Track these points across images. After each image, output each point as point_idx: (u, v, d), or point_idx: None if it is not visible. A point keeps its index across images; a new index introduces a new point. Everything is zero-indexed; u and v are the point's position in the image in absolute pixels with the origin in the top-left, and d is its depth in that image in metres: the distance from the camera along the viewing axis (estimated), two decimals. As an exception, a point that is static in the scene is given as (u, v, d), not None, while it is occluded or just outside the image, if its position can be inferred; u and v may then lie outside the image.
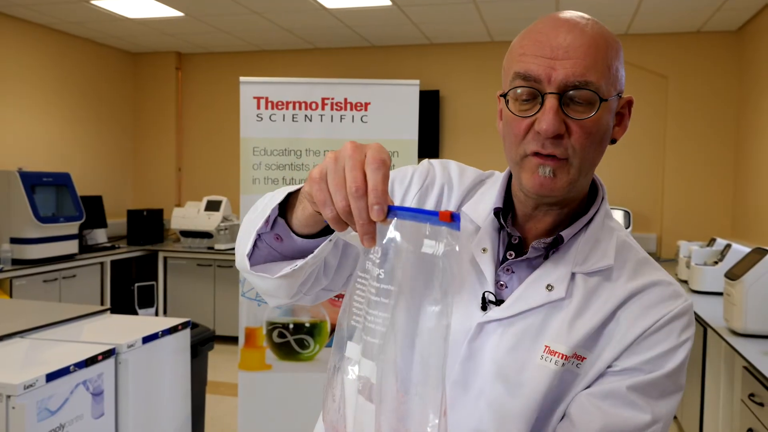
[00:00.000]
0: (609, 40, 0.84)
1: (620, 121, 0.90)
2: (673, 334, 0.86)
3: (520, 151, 0.85)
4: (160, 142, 6.57)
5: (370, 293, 0.68)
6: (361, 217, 0.65)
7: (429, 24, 5.18)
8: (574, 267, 0.88)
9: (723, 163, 5.21)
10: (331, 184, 0.67)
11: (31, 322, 2.49)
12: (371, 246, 0.67)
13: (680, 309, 0.87)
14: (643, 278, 0.88)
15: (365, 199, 0.65)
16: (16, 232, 4.44)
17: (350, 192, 0.65)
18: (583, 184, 0.89)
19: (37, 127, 5.41)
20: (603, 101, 0.81)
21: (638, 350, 0.85)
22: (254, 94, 2.85)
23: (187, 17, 5.11)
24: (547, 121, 0.80)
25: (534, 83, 0.82)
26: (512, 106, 0.84)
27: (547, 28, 0.83)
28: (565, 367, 0.85)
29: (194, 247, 5.70)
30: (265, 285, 0.88)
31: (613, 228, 0.93)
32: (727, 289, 2.75)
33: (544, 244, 0.89)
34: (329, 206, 0.68)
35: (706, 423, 3.15)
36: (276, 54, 6.28)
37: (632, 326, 0.85)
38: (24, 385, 1.84)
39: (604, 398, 0.84)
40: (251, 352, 2.88)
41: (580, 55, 0.80)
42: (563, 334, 0.85)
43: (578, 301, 0.86)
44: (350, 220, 0.67)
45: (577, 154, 0.82)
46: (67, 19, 5.23)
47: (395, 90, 2.86)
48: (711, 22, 4.93)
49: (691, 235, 5.15)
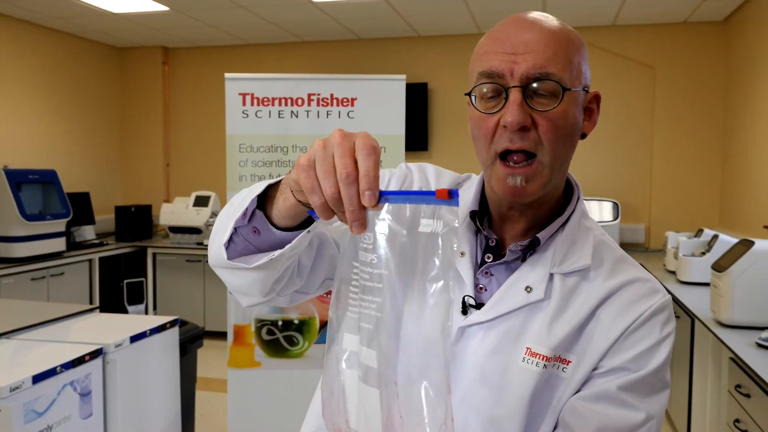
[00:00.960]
0: (570, 35, 0.86)
1: (589, 115, 0.91)
2: (655, 329, 0.86)
3: (491, 152, 0.85)
4: (147, 138, 6.53)
5: (364, 280, 0.68)
6: (352, 204, 0.65)
7: (417, 16, 5.16)
8: (552, 268, 0.89)
9: (711, 153, 5.24)
10: (319, 171, 0.67)
11: (18, 323, 2.47)
12: (361, 232, 0.67)
13: (659, 304, 0.88)
14: (620, 276, 0.89)
15: (356, 186, 0.65)
16: (2, 230, 4.40)
17: (341, 178, 0.65)
18: (556, 182, 0.89)
19: (22, 123, 5.36)
20: (566, 90, 0.82)
21: (622, 348, 0.85)
22: (240, 90, 2.83)
23: (173, 11, 5.06)
24: (512, 113, 0.80)
25: (497, 79, 0.83)
26: (479, 104, 0.85)
27: (508, 26, 0.85)
28: (548, 370, 0.85)
29: (183, 243, 5.68)
30: (238, 281, 0.87)
31: (589, 227, 0.94)
32: (714, 280, 2.76)
33: (521, 247, 0.90)
34: (317, 193, 0.67)
35: (694, 414, 3.18)
36: (263, 48, 6.24)
37: (613, 325, 0.86)
38: (10, 388, 1.83)
39: (596, 401, 0.84)
40: (240, 349, 2.87)
41: (540, 48, 0.82)
42: (543, 335, 0.85)
43: (557, 301, 0.87)
44: (338, 207, 0.67)
45: (546, 149, 0.83)
46: (50, 14, 5.17)
47: (382, 85, 2.85)
48: (698, 12, 4.94)
49: (679, 225, 5.18)
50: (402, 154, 2.85)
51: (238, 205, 0.82)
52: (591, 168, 5.47)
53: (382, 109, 2.83)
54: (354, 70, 5.87)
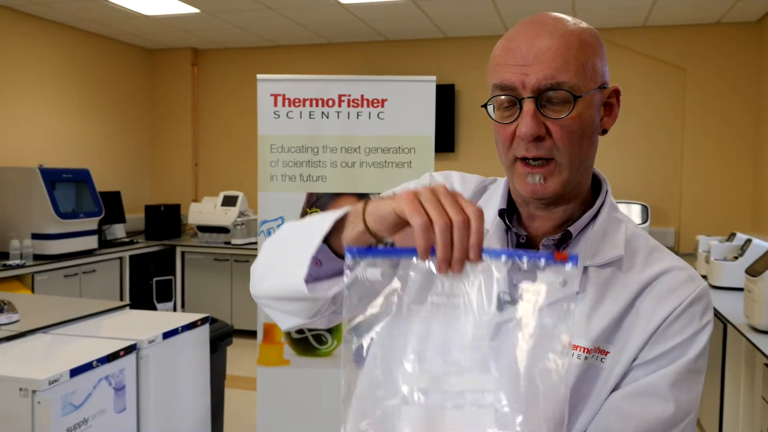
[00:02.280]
0: (582, 36, 0.86)
1: (609, 111, 0.92)
2: (694, 319, 0.86)
3: (510, 156, 0.88)
4: (177, 138, 6.62)
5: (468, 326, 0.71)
6: (462, 245, 0.70)
7: (444, 18, 5.16)
8: (585, 261, 0.89)
9: (742, 156, 5.15)
10: (429, 205, 0.71)
11: (53, 318, 2.53)
12: (459, 271, 0.71)
13: (698, 293, 0.88)
14: (656, 265, 0.89)
15: (468, 231, 0.70)
16: (37, 227, 4.50)
17: (456, 221, 0.70)
18: (579, 180, 0.90)
19: (56, 124, 5.47)
20: (578, 98, 0.83)
21: (662, 339, 0.86)
22: (271, 91, 2.85)
23: (203, 13, 5.13)
24: (526, 124, 0.83)
25: (511, 91, 0.85)
26: (496, 114, 0.88)
27: (518, 35, 0.87)
28: (588, 361, 0.85)
29: (211, 242, 5.74)
30: (291, 306, 0.89)
31: (620, 219, 0.95)
32: (747, 285, 2.72)
33: (553, 241, 0.91)
34: (421, 215, 0.70)
35: (725, 422, 3.12)
36: (291, 49, 6.29)
37: (652, 315, 0.86)
38: (49, 381, 1.88)
39: (636, 397, 0.84)
40: (269, 347, 2.90)
41: (550, 57, 0.83)
42: (582, 327, 0.86)
43: (593, 294, 0.87)
44: (444, 236, 0.70)
45: (562, 153, 0.85)
46: (84, 16, 5.27)
47: (412, 86, 2.86)
48: (731, 13, 4.86)
49: (710, 229, 5.10)
50: (432, 155, 2.85)
51: (305, 239, 0.83)
52: (620, 170, 5.41)
53: (412, 110, 2.84)
54: (380, 71, 5.89)
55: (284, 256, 0.88)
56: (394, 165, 2.85)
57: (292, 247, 0.86)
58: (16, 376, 1.90)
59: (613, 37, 5.37)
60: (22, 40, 5.12)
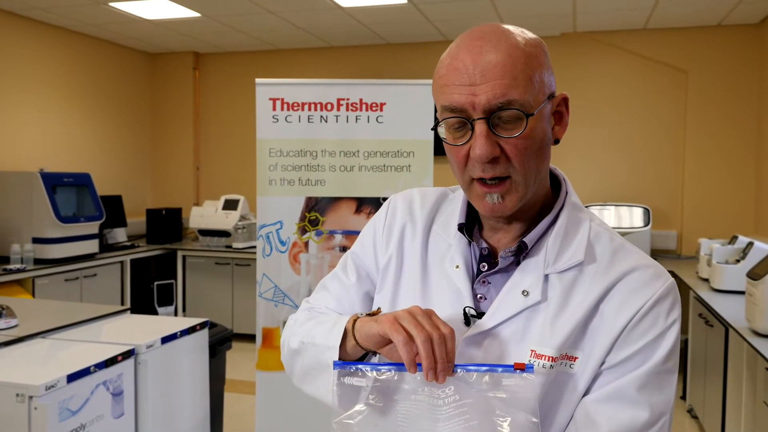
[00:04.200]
0: (527, 49, 0.84)
1: (559, 119, 0.91)
2: (660, 318, 0.85)
3: (466, 177, 0.88)
4: (178, 142, 6.63)
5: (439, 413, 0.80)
6: (442, 357, 0.78)
7: (445, 21, 5.16)
8: (545, 269, 0.89)
9: (744, 158, 5.13)
10: (408, 324, 0.79)
11: (52, 323, 2.52)
12: (443, 381, 0.78)
13: (662, 290, 0.86)
14: (619, 266, 0.88)
15: (445, 347, 0.78)
16: (37, 232, 4.50)
17: (434, 337, 0.78)
18: (535, 191, 0.90)
19: (57, 128, 5.48)
20: (529, 116, 0.82)
21: (627, 342, 0.85)
22: (270, 95, 2.85)
23: (204, 17, 5.13)
24: (480, 146, 0.82)
25: (461, 113, 0.84)
26: (447, 135, 0.88)
27: (462, 52, 0.85)
28: (556, 369, 0.85)
29: (212, 246, 5.74)
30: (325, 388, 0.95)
31: (582, 219, 0.94)
32: (749, 288, 2.70)
33: (511, 253, 0.91)
34: (400, 333, 0.79)
35: (727, 426, 3.10)
36: (292, 53, 6.30)
37: (617, 317, 0.85)
38: (46, 386, 1.87)
39: (606, 402, 0.84)
40: (269, 352, 2.89)
41: (498, 75, 0.81)
42: (546, 336, 0.86)
43: (556, 301, 0.87)
44: (426, 348, 0.77)
45: (517, 171, 0.85)
46: (85, 21, 5.29)
47: (410, 90, 2.85)
48: (732, 16, 4.85)
49: (712, 232, 5.08)
50: (431, 159, 2.84)
51: (324, 353, 0.93)
52: (622, 173, 5.40)
53: (411, 114, 2.83)
54: (382, 74, 5.89)
55: (312, 371, 0.97)
56: (393, 169, 2.84)
57: (315, 363, 0.95)
58: (13, 381, 1.89)
59: (615, 39, 5.36)
60: (24, 44, 5.13)
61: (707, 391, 3.49)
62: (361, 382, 0.82)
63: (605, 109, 5.42)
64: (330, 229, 2.86)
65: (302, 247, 2.87)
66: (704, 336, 3.56)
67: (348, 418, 0.81)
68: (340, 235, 2.86)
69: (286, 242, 2.88)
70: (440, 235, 0.99)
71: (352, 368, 0.83)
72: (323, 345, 0.92)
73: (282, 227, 2.88)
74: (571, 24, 5.21)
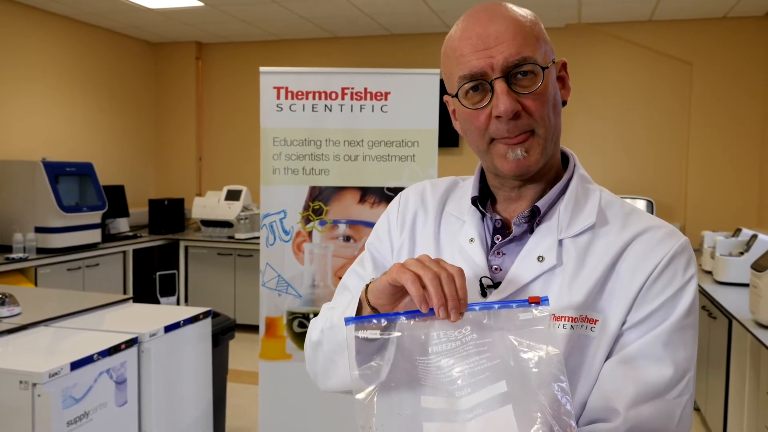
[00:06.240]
0: (529, 17, 0.91)
1: (563, 83, 0.95)
2: (677, 274, 0.86)
3: (486, 139, 0.90)
4: (180, 132, 6.61)
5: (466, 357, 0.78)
6: (452, 294, 0.77)
7: (448, 12, 5.13)
8: (559, 234, 0.90)
9: (749, 150, 5.11)
10: (415, 267, 0.79)
11: (55, 311, 2.53)
12: (456, 319, 0.77)
13: (677, 248, 0.87)
14: (633, 227, 0.90)
15: (454, 284, 0.77)
16: (40, 221, 4.50)
17: (442, 276, 0.77)
18: (553, 153, 0.93)
19: (60, 117, 5.47)
20: (545, 69, 0.88)
21: (647, 299, 0.85)
22: (274, 84, 2.84)
23: (207, 7, 5.11)
24: (504, 102, 0.85)
25: (480, 77, 0.87)
26: (466, 102, 0.90)
27: (473, 24, 0.89)
28: (576, 331, 0.85)
29: (215, 236, 5.74)
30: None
31: (592, 189, 0.96)
32: (753, 280, 2.70)
33: (524, 219, 0.92)
34: (408, 274, 0.79)
35: (730, 417, 3.10)
36: (295, 43, 6.27)
37: (634, 276, 0.86)
38: (49, 374, 1.87)
39: (631, 362, 0.84)
40: (272, 341, 2.89)
41: (510, 37, 0.86)
42: (564, 298, 0.86)
43: (572, 264, 0.88)
44: (435, 285, 0.77)
45: (540, 124, 0.88)
46: (88, 10, 5.26)
47: (415, 79, 2.84)
48: (737, 7, 4.82)
49: (715, 225, 5.07)
50: (435, 149, 2.83)
51: (341, 344, 0.91)
52: (626, 165, 5.38)
53: (415, 104, 2.82)
54: (386, 65, 5.87)
55: (333, 355, 0.95)
56: (398, 158, 2.83)
57: (336, 346, 0.94)
58: (17, 368, 1.89)
59: (620, 31, 5.33)
60: (26, 33, 5.11)
61: (709, 383, 3.49)
62: (375, 334, 0.81)
63: (609, 100, 5.40)
64: (334, 218, 2.85)
65: (306, 237, 2.87)
66: (707, 328, 3.56)
67: (367, 369, 0.81)
68: (344, 224, 2.85)
69: (290, 231, 2.87)
70: (453, 216, 1.01)
71: (365, 321, 0.81)
72: (340, 323, 0.92)
73: (286, 216, 2.87)
74: (576, 15, 5.18)
